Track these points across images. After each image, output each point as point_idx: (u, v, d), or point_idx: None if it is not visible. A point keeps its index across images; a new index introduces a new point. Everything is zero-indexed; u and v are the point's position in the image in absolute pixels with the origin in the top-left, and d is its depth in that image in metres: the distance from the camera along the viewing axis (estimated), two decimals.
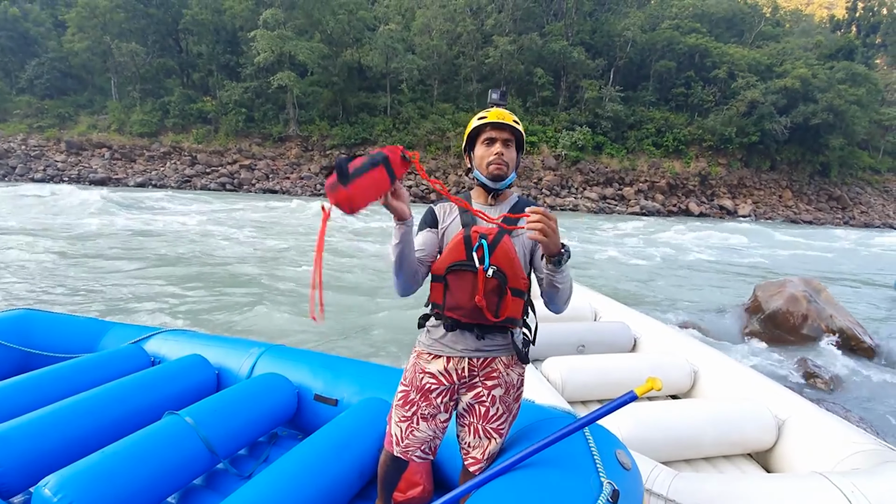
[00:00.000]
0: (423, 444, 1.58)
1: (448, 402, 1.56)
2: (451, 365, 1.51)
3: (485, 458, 1.54)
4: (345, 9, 36.45)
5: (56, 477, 1.58)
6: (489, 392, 1.51)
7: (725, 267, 12.48)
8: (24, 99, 36.07)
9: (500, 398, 1.51)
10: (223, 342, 2.88)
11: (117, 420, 2.16)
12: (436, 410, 1.55)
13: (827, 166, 37.85)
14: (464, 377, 1.51)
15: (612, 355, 3.51)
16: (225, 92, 35.94)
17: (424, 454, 1.60)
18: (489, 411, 1.51)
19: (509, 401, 1.54)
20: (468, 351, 1.49)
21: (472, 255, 1.43)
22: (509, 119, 1.49)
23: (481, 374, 1.51)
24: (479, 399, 1.51)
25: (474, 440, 1.54)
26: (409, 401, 1.58)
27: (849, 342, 5.62)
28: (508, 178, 1.51)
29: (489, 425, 1.52)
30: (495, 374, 1.51)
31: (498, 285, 1.43)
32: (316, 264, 1.28)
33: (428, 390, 1.55)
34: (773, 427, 2.60)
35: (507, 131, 1.50)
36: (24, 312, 3.06)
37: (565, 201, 31.60)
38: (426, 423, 1.56)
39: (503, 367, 1.51)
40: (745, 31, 46.45)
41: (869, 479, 1.88)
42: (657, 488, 1.90)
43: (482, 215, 1.46)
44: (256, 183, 31.82)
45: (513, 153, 1.52)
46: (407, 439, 1.58)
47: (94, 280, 7.24)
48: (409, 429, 1.58)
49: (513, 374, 1.54)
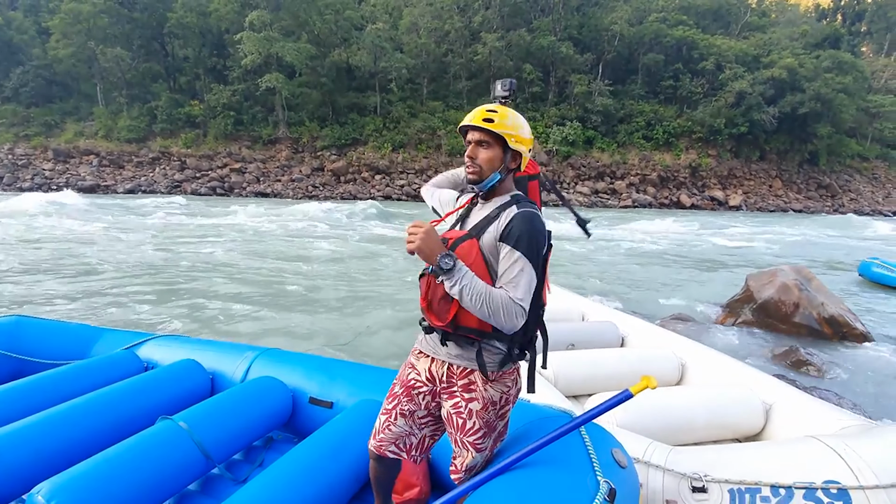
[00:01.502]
0: (398, 439, 1.58)
1: (430, 402, 1.56)
2: (434, 366, 1.52)
3: (462, 468, 1.51)
4: (331, 9, 36.26)
5: (49, 484, 1.57)
6: (466, 404, 1.46)
7: (716, 257, 12.57)
8: (9, 108, 35.63)
9: (477, 413, 1.45)
10: (217, 347, 2.87)
11: (111, 426, 2.15)
12: (415, 407, 1.56)
13: (815, 155, 38.21)
14: (443, 381, 1.50)
15: (602, 350, 3.56)
16: (213, 95, 35.67)
17: (398, 449, 1.59)
18: (465, 424, 1.47)
19: (488, 417, 1.46)
20: (449, 356, 1.47)
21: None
22: (478, 119, 1.41)
23: (459, 383, 1.47)
24: (458, 409, 1.47)
25: (456, 449, 1.54)
26: (392, 393, 1.60)
27: (840, 329, 5.69)
28: (487, 179, 1.44)
29: (466, 438, 1.48)
30: (473, 387, 1.45)
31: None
32: None
33: (411, 386, 1.56)
34: (760, 411, 2.66)
35: (478, 132, 1.43)
36: (17, 319, 3.03)
37: None
38: (404, 419, 1.57)
39: (481, 381, 1.44)
40: (732, 22, 46.71)
41: (861, 440, 1.93)
42: (655, 460, 1.92)
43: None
44: (247, 186, 31.65)
45: (489, 153, 1.43)
46: (382, 433, 1.59)
47: (86, 286, 7.17)
48: (386, 422, 1.58)
49: (492, 392, 1.44)
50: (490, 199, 1.50)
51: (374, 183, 32.86)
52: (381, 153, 34.21)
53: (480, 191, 1.49)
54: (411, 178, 33.02)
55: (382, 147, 34.44)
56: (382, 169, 33.56)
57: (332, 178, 33.21)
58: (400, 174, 33.51)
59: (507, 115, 1.43)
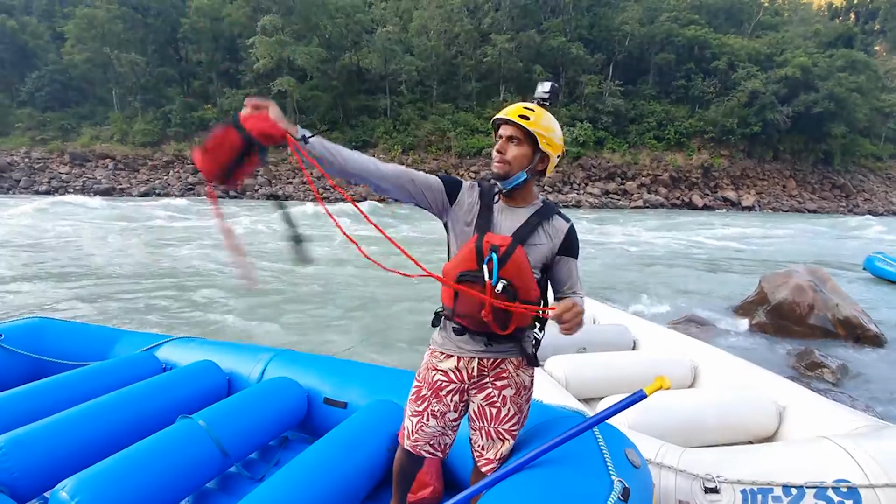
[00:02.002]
0: (433, 439, 1.60)
1: (458, 402, 1.57)
2: (462, 364, 1.52)
3: (497, 458, 1.54)
4: (342, 12, 36.55)
5: (73, 480, 1.60)
6: (500, 392, 1.51)
7: (729, 258, 12.44)
8: (25, 112, 36.36)
9: (511, 398, 1.52)
10: (233, 348, 2.91)
11: (131, 424, 2.19)
12: (445, 409, 1.57)
13: (830, 155, 37.65)
14: (473, 377, 1.52)
15: (614, 353, 3.55)
16: (225, 99, 36.12)
17: (434, 450, 1.62)
18: (500, 412, 1.51)
19: (520, 402, 1.54)
20: (478, 351, 1.49)
21: (482, 266, 1.37)
22: (514, 114, 1.39)
23: (491, 374, 1.51)
24: (490, 400, 1.52)
25: (487, 442, 1.55)
26: (421, 396, 1.60)
27: (855, 331, 5.61)
28: (513, 176, 1.42)
29: (501, 426, 1.52)
30: (505, 374, 1.51)
31: (507, 300, 1.37)
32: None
33: (439, 388, 1.56)
34: (773, 413, 2.64)
35: (510, 126, 1.41)
36: (39, 321, 3.10)
37: (567, 197, 31.55)
38: (435, 420, 1.58)
39: (513, 367, 1.51)
40: (744, 21, 46.24)
41: (871, 440, 1.92)
42: (668, 461, 1.92)
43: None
44: (259, 189, 31.94)
45: (519, 150, 1.41)
46: (416, 433, 1.61)
47: (106, 289, 7.31)
48: (419, 424, 1.60)
49: (523, 376, 1.53)
50: (514, 199, 1.48)
51: None
52: (391, 155, 34.34)
53: (503, 189, 1.46)
54: None
55: (392, 149, 34.58)
56: None
57: (343, 180, 33.38)
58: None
59: (544, 115, 1.42)
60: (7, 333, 2.86)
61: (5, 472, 1.77)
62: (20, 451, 1.82)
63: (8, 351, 2.78)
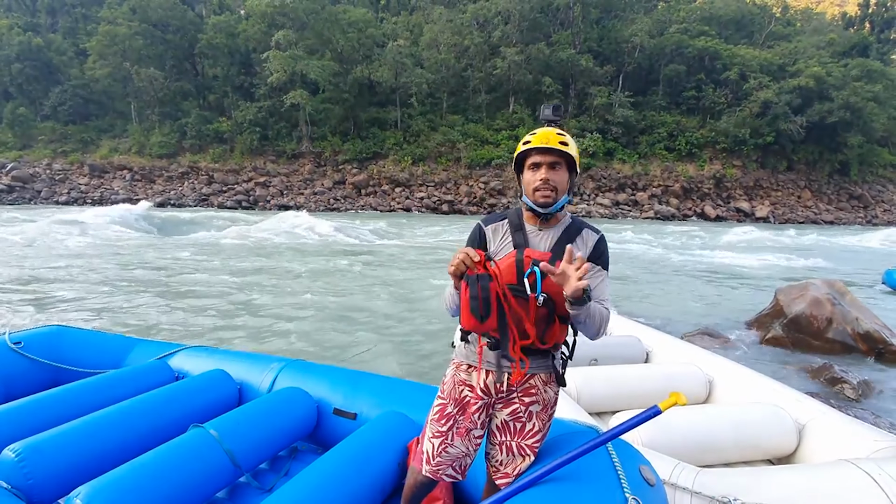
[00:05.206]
0: (455, 461, 1.56)
1: (484, 419, 1.55)
2: (490, 378, 1.50)
3: (514, 473, 1.52)
4: (354, 27, 37.24)
5: (87, 488, 1.62)
6: (527, 408, 1.49)
7: (742, 270, 12.25)
8: (48, 125, 37.44)
9: (538, 414, 1.50)
10: (244, 357, 2.93)
11: (144, 433, 2.21)
12: (472, 426, 1.54)
13: (846, 165, 37.11)
14: (502, 391, 1.50)
15: (626, 366, 3.48)
16: (240, 112, 36.85)
17: (455, 472, 1.58)
18: (525, 427, 1.50)
19: (545, 418, 1.53)
20: (509, 366, 1.47)
21: (523, 280, 1.38)
22: (554, 142, 1.42)
23: (519, 390, 1.50)
24: (516, 415, 1.50)
25: (507, 458, 1.53)
26: (445, 414, 1.56)
27: (876, 346, 5.46)
28: (558, 202, 1.45)
29: (524, 441, 1.50)
30: (534, 390, 1.49)
31: (547, 313, 1.40)
32: None
33: (467, 403, 1.53)
34: (793, 431, 2.56)
35: (552, 154, 1.43)
36: (56, 329, 3.16)
37: (578, 208, 31.46)
38: (461, 438, 1.54)
39: (542, 383, 1.50)
40: (755, 31, 46.05)
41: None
42: (682, 483, 1.88)
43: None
44: (272, 199, 32.37)
45: (561, 175, 1.45)
46: (439, 457, 1.56)
47: (121, 298, 7.42)
48: (442, 444, 1.55)
49: (550, 392, 1.52)
50: (548, 223, 1.50)
51: (395, 195, 33.23)
52: (401, 166, 34.63)
53: (548, 214, 1.47)
54: (431, 191, 33.28)
55: (402, 160, 34.87)
56: (402, 182, 33.95)
57: (354, 190, 33.73)
58: (420, 186, 33.82)
59: (569, 139, 1.47)
60: (26, 341, 2.92)
61: (23, 477, 1.79)
62: (37, 458, 1.85)
63: (27, 358, 2.83)
